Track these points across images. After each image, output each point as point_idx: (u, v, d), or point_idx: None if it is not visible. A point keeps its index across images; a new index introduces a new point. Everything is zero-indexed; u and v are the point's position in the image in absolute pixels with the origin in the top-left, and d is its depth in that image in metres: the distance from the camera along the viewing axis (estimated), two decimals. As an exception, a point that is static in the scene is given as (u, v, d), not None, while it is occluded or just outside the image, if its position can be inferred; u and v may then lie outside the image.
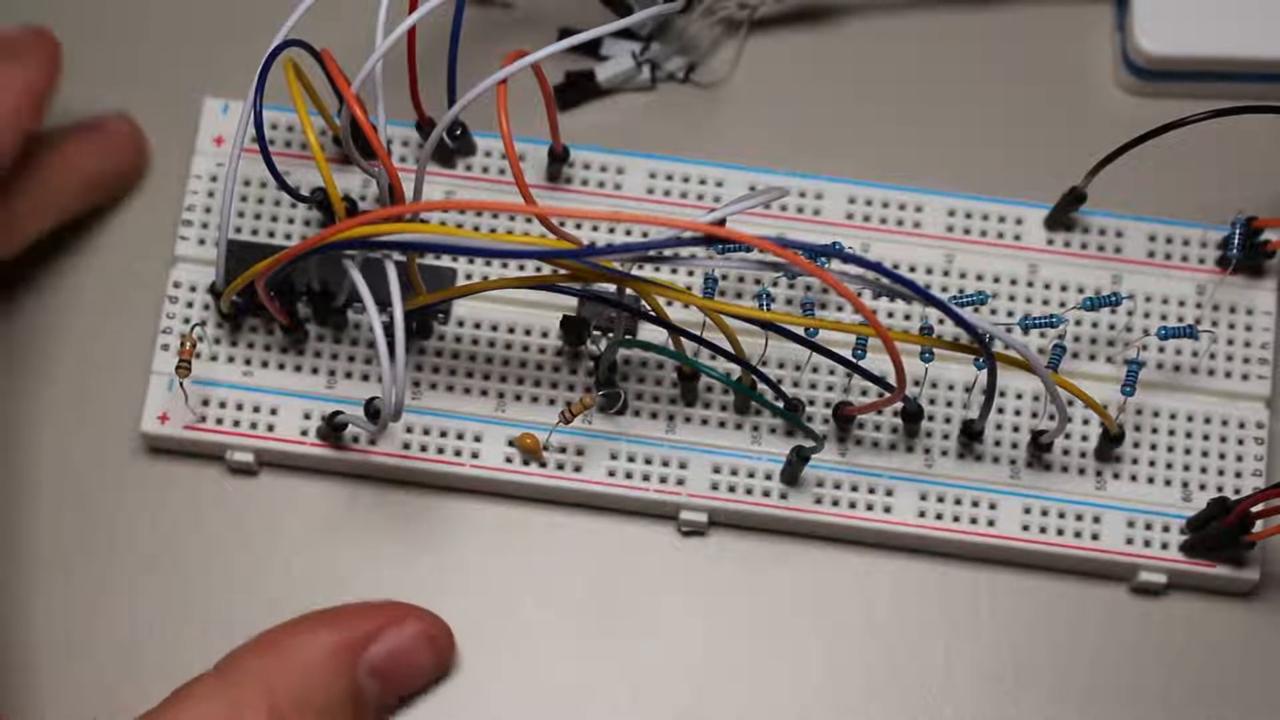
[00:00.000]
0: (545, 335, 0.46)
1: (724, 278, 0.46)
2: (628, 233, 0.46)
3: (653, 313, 0.42)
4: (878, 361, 0.43)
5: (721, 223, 0.41)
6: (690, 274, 0.46)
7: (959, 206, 0.47)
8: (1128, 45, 0.48)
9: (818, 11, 0.50)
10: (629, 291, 0.42)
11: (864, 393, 0.45)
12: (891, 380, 0.41)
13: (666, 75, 0.49)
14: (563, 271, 0.40)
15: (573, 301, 0.46)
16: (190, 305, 0.46)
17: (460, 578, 0.45)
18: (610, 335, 0.45)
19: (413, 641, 0.44)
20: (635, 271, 0.43)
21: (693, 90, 0.49)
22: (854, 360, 0.43)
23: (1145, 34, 0.47)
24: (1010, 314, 0.46)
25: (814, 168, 0.47)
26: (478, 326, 0.46)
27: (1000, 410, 0.45)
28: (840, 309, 0.46)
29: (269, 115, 0.47)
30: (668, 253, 0.42)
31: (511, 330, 0.46)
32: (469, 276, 0.46)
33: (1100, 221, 0.46)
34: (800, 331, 0.42)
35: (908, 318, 0.46)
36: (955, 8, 0.50)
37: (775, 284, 0.46)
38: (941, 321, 0.46)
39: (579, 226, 0.46)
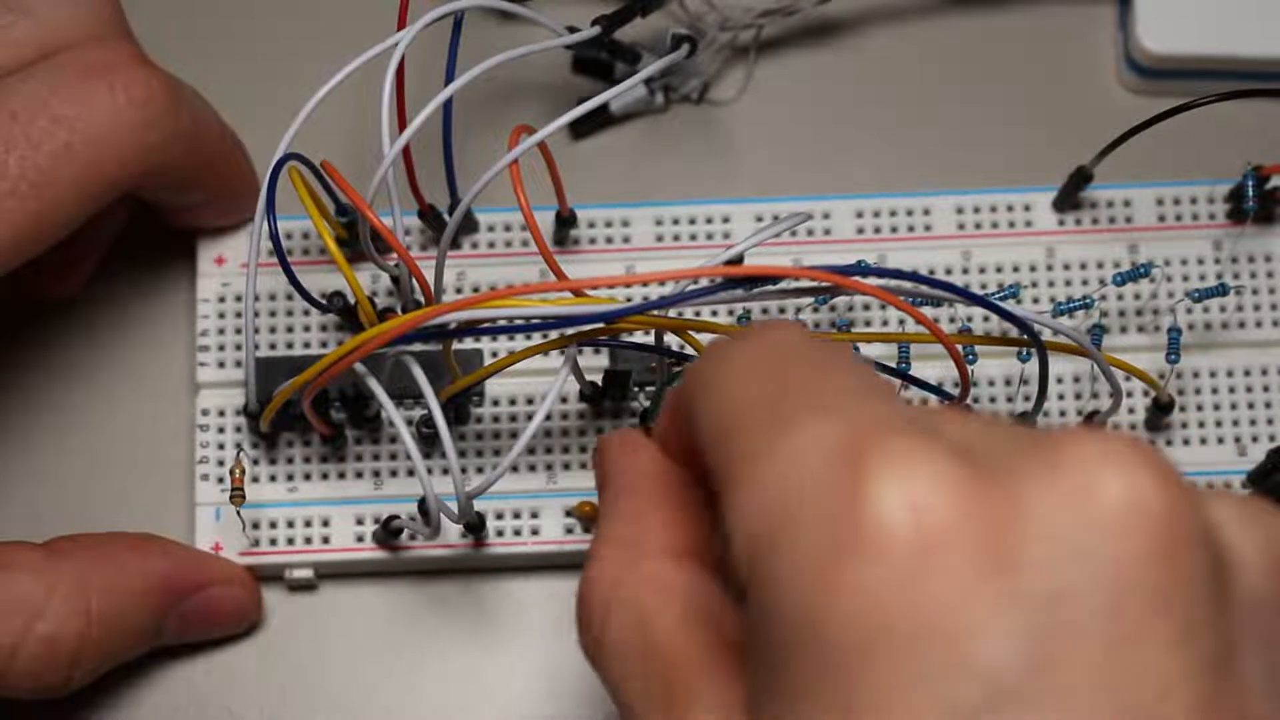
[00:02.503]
0: (564, 400, 0.46)
1: (764, 310, 0.46)
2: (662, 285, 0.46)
3: (695, 352, 0.42)
4: (916, 369, 0.44)
5: (739, 259, 0.41)
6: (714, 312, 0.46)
7: (966, 203, 0.47)
8: (1130, 44, 0.48)
9: (821, 27, 0.50)
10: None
11: (924, 401, 0.45)
12: (946, 387, 0.41)
13: (681, 98, 0.49)
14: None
15: (592, 362, 0.45)
16: (222, 430, 0.45)
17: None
18: (651, 385, 0.45)
19: (223, 603, 0.44)
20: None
21: (702, 111, 0.49)
22: (905, 372, 0.43)
23: (1147, 33, 0.48)
24: (1036, 300, 0.46)
25: (823, 184, 0.47)
26: (513, 403, 0.46)
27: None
28: (868, 324, 0.46)
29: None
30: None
31: (541, 400, 0.46)
32: (494, 355, 0.46)
33: (1107, 195, 0.47)
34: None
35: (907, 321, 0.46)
36: (955, 10, 0.50)
37: (800, 310, 0.46)
38: (970, 319, 0.46)
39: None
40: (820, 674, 0.28)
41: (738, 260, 0.41)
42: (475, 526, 0.44)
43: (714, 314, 0.45)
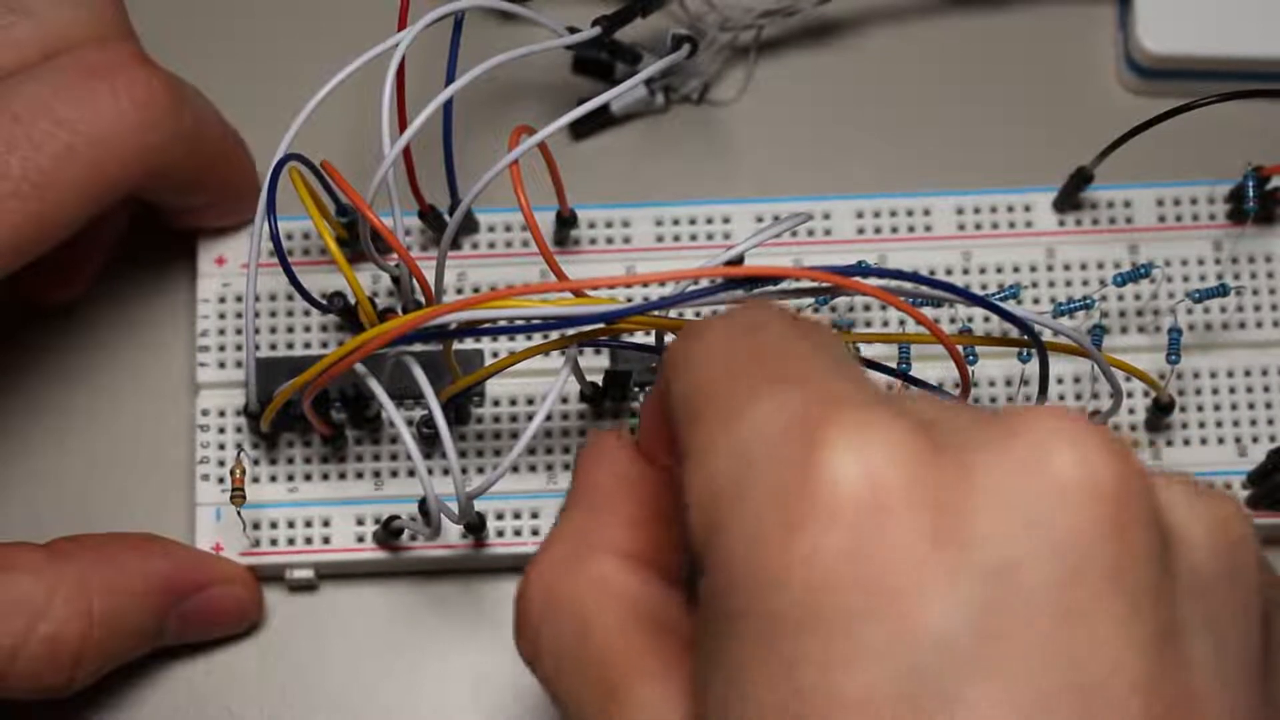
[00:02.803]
0: (565, 401, 0.46)
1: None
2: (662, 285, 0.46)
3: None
4: (917, 370, 0.44)
5: (740, 260, 0.41)
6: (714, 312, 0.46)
7: (966, 203, 0.47)
8: (1129, 44, 0.48)
9: (821, 28, 0.50)
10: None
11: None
12: (947, 388, 0.41)
13: (681, 98, 0.49)
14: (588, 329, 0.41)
15: (593, 363, 0.45)
16: (222, 430, 0.45)
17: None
18: (650, 386, 0.45)
19: (224, 602, 0.44)
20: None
21: (702, 111, 0.49)
22: (905, 372, 0.43)
23: (1147, 33, 0.48)
24: (1036, 300, 0.46)
25: (823, 184, 0.47)
26: (513, 403, 0.46)
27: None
28: (869, 324, 0.46)
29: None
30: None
31: (542, 400, 0.46)
32: (494, 355, 0.46)
33: (1107, 195, 0.47)
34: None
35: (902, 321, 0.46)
36: (955, 10, 0.50)
37: (800, 311, 0.46)
38: (970, 320, 0.46)
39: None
40: (767, 641, 0.28)
41: (738, 261, 0.41)
42: (476, 527, 0.44)
43: (714, 314, 0.45)
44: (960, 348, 0.43)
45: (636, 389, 0.45)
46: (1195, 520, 0.30)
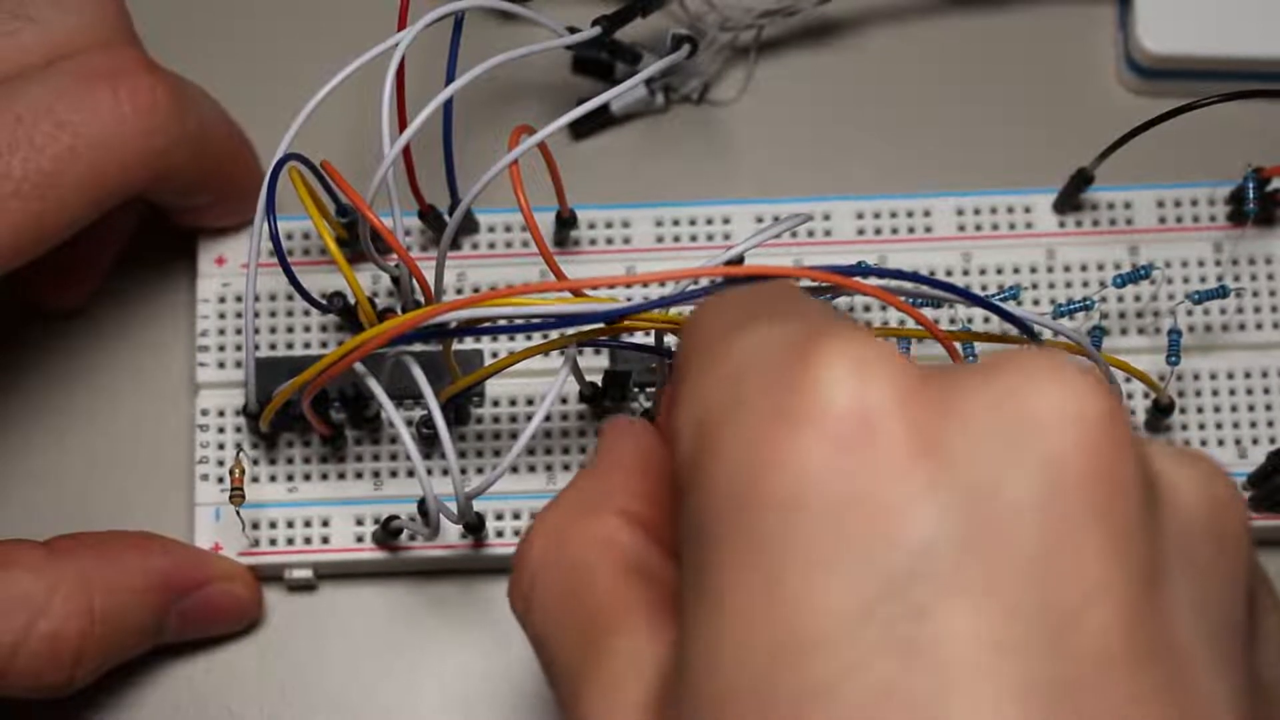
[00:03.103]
0: (564, 401, 0.46)
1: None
2: (662, 285, 0.46)
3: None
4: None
5: (740, 260, 0.41)
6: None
7: (967, 204, 0.47)
8: (1130, 44, 0.48)
9: (821, 28, 0.50)
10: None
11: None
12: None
13: (681, 98, 0.49)
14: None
15: (592, 363, 0.45)
16: (222, 430, 0.45)
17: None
18: (651, 386, 0.45)
19: (223, 600, 0.44)
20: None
21: (702, 111, 0.49)
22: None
23: (1147, 33, 0.48)
24: (1036, 302, 0.46)
25: (823, 184, 0.47)
26: (513, 404, 0.46)
27: (1044, 399, 0.45)
28: (869, 325, 0.46)
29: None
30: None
31: (541, 401, 0.46)
32: (494, 355, 0.46)
33: (1108, 196, 0.47)
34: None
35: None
36: (955, 10, 0.50)
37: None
38: (970, 320, 0.46)
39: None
40: (750, 544, 0.28)
41: (738, 261, 0.41)
42: (475, 527, 0.44)
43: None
44: (959, 347, 0.43)
45: (636, 389, 0.45)
46: (1185, 480, 0.30)
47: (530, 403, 0.46)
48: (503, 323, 0.40)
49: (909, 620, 0.27)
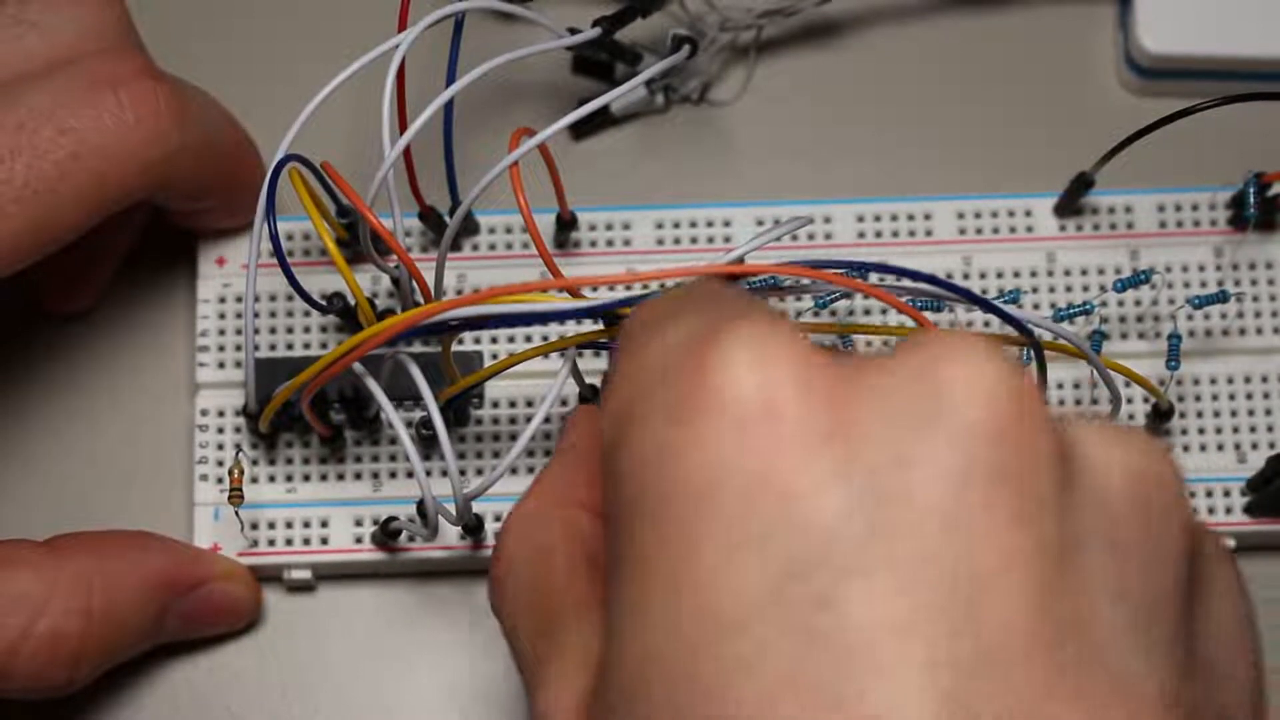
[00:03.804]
0: (564, 403, 0.46)
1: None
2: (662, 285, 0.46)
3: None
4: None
5: (740, 262, 0.41)
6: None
7: (967, 208, 0.47)
8: (1130, 44, 0.48)
9: (821, 28, 0.50)
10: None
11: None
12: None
13: (681, 98, 0.49)
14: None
15: (592, 365, 0.45)
16: (221, 431, 0.45)
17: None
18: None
19: (223, 599, 0.44)
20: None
21: (702, 111, 0.49)
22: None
23: (1147, 33, 0.48)
24: (1036, 306, 0.46)
25: (823, 184, 0.47)
26: (512, 405, 0.46)
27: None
28: (869, 325, 0.46)
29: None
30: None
31: (541, 402, 0.46)
32: (493, 356, 0.46)
33: (1108, 201, 0.47)
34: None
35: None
36: (955, 10, 0.50)
37: (800, 315, 0.46)
38: (970, 325, 0.46)
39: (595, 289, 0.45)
40: (658, 536, 0.29)
41: (738, 262, 0.41)
42: (474, 528, 0.44)
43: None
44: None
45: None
46: (1110, 459, 0.30)
47: (530, 404, 0.46)
48: (501, 320, 0.40)
49: (812, 604, 0.27)
